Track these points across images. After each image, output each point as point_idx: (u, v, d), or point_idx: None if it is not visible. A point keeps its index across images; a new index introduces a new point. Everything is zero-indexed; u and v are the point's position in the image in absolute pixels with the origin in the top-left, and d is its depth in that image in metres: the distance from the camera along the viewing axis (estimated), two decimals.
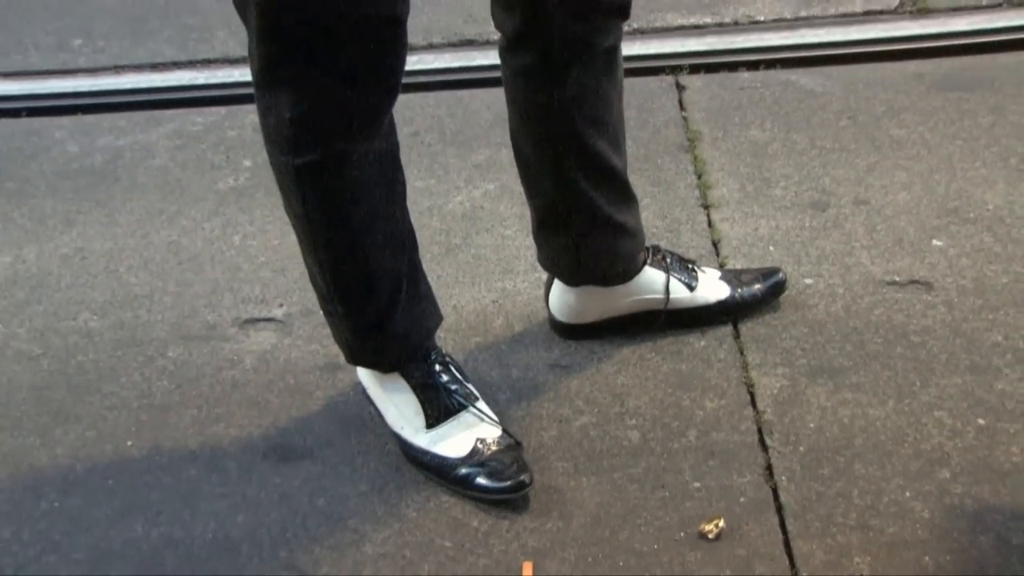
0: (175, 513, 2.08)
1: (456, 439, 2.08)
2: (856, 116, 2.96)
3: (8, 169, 3.07)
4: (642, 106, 3.05)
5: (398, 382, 2.13)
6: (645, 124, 2.98)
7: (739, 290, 2.35)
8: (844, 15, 3.39)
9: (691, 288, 2.32)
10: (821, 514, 1.97)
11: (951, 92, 3.01)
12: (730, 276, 2.37)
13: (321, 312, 2.31)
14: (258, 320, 2.49)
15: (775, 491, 2.02)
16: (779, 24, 3.38)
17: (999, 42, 3.16)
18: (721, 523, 1.96)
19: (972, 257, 2.49)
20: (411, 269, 2.07)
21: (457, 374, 2.15)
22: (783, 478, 2.04)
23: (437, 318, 2.17)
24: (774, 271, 2.38)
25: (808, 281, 2.46)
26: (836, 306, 2.39)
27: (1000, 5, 3.31)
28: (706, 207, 2.69)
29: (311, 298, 2.47)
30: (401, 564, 1.96)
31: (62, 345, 2.48)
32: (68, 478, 2.18)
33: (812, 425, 2.13)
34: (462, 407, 2.11)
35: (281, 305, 2.54)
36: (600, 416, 2.19)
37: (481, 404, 2.13)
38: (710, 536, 1.95)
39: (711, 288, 2.34)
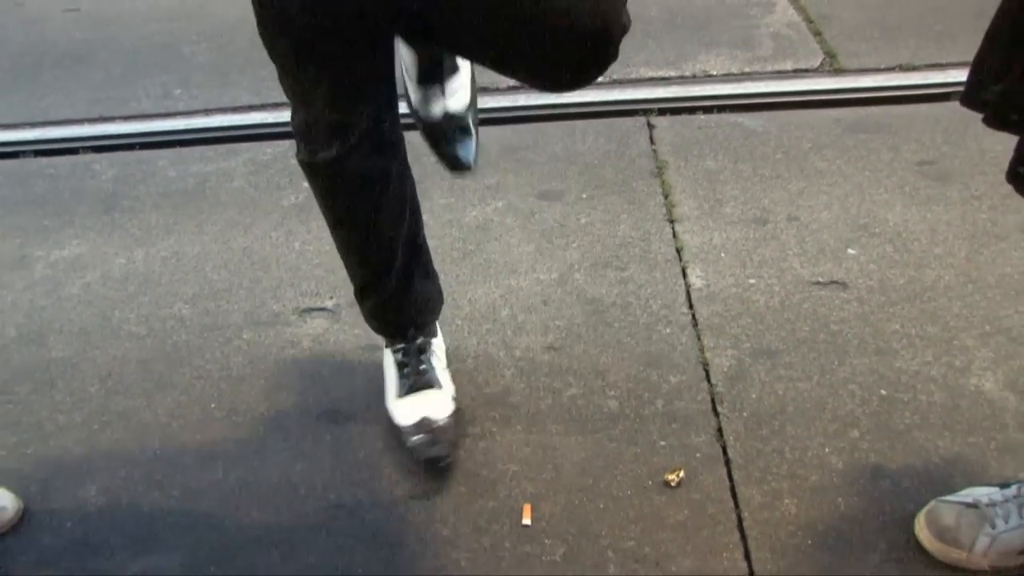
0: (247, 461, 2.08)
1: (412, 411, 2.05)
2: (788, 151, 2.95)
3: (124, 191, 3.06)
4: (620, 140, 3.03)
5: (389, 356, 2.14)
6: (622, 155, 2.96)
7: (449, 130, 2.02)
8: (779, 71, 3.39)
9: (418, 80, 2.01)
10: (760, 466, 1.96)
11: (860, 134, 3.00)
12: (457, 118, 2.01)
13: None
14: (313, 310, 2.48)
15: (724, 448, 2.01)
16: (728, 77, 3.38)
17: (896, 96, 3.20)
18: (681, 473, 1.95)
19: (877, 263, 2.47)
20: (402, 276, 2.01)
21: (430, 361, 2.11)
22: (731, 438, 2.03)
23: (423, 315, 2.13)
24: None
25: (752, 281, 2.43)
26: (773, 301, 2.37)
27: (894, 68, 3.32)
28: (671, 221, 2.67)
29: (349, 296, 2.46)
30: (426, 504, 1.96)
31: (161, 328, 2.46)
32: (166, 432, 2.17)
33: (754, 396, 2.12)
34: (426, 386, 2.07)
35: (331, 298, 2.51)
36: (586, 388, 2.17)
37: (438, 392, 2.08)
38: (672, 484, 1.94)
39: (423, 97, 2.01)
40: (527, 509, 1.90)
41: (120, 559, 1.91)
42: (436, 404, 2.05)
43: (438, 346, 2.17)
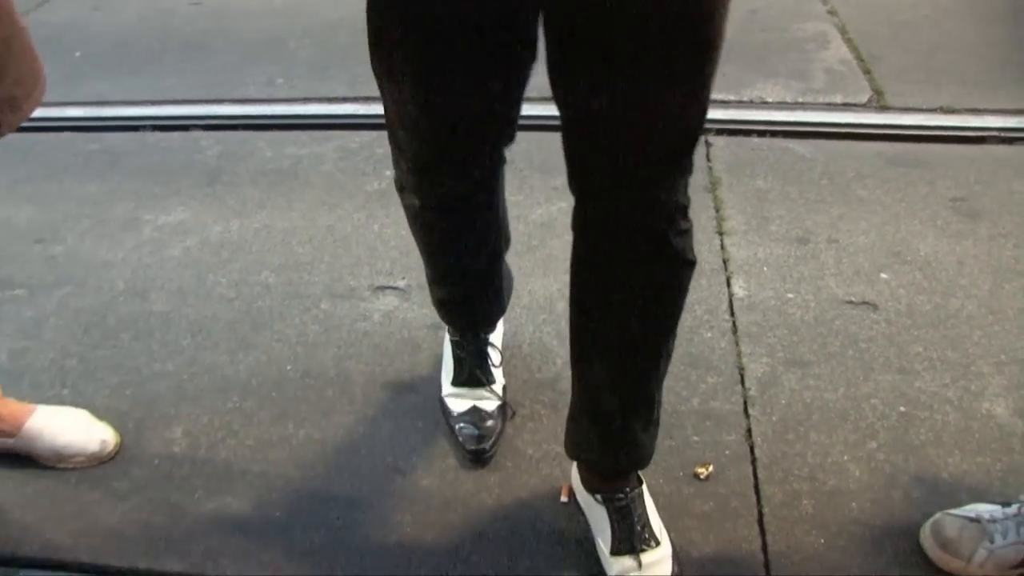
0: (316, 421, 2.08)
1: (463, 400, 2.01)
2: (833, 178, 2.90)
3: (226, 166, 3.08)
4: None
5: (448, 342, 2.09)
6: None
7: None
8: (829, 103, 3.35)
9: (610, 551, 1.70)
10: (783, 467, 1.93)
11: (900, 167, 2.95)
12: None
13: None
14: (386, 287, 2.47)
15: (752, 448, 1.98)
16: (782, 105, 3.34)
17: (935, 136, 3.14)
18: (711, 468, 1.92)
19: (907, 288, 2.42)
20: (474, 290, 1.94)
21: (488, 359, 2.04)
22: (759, 439, 2.00)
23: (487, 319, 2.06)
24: None
25: (790, 295, 2.39)
26: (808, 315, 2.33)
27: (936, 110, 3.27)
28: (720, 233, 2.63)
29: (419, 278, 2.46)
30: (474, 476, 1.95)
31: (249, 293, 2.47)
32: (246, 387, 2.18)
33: (783, 402, 2.08)
34: (478, 383, 2.02)
35: (403, 278, 2.51)
36: None
37: (489, 389, 2.02)
38: (702, 477, 1.91)
39: (622, 571, 1.68)
40: (565, 488, 1.88)
41: (198, 496, 1.92)
42: (487, 398, 2.01)
43: (497, 339, 2.10)
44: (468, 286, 1.92)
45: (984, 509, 1.74)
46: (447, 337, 2.10)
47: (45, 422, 1.98)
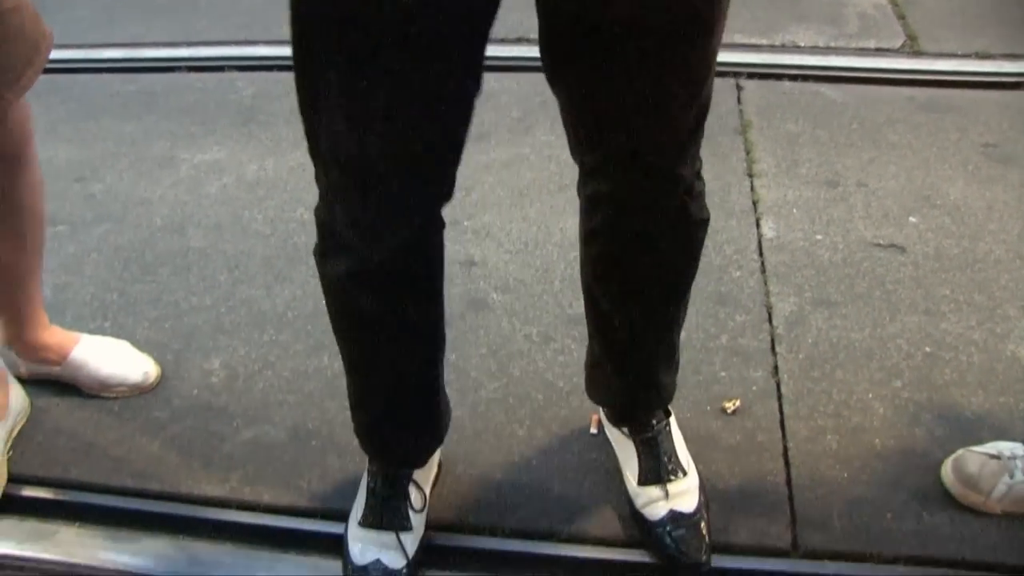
0: None
1: (364, 548, 1.66)
2: (863, 122, 2.90)
3: (260, 106, 3.11)
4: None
5: (366, 474, 1.72)
6: (712, 111, 2.90)
7: (665, 529, 1.67)
8: (862, 48, 3.33)
9: (637, 481, 1.72)
10: (809, 403, 1.96)
11: (932, 113, 2.94)
12: (679, 516, 1.68)
13: (466, 222, 2.31)
14: None
15: (778, 385, 2.01)
16: (815, 50, 3.32)
17: (969, 81, 3.13)
18: (738, 403, 1.96)
19: (935, 232, 2.43)
20: (407, 405, 1.62)
21: (407, 500, 1.68)
22: (785, 376, 2.03)
23: (418, 449, 1.71)
24: (702, 555, 1.65)
25: (819, 237, 2.41)
26: (836, 257, 2.35)
27: (971, 55, 3.24)
28: (751, 176, 2.65)
29: (458, 213, 2.51)
30: (505, 407, 1.99)
31: (284, 229, 2.51)
32: (282, 320, 2.23)
33: (810, 340, 2.11)
34: (387, 527, 1.66)
35: None
36: None
37: (398, 537, 1.65)
38: (729, 411, 1.95)
39: (649, 501, 1.70)
40: (594, 419, 1.91)
41: (236, 425, 1.98)
42: (393, 548, 1.66)
43: (424, 478, 1.74)
44: (399, 397, 1.60)
45: (1005, 446, 1.77)
46: (366, 470, 1.74)
47: (90, 352, 2.04)
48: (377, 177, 1.25)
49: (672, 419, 1.78)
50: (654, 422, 1.74)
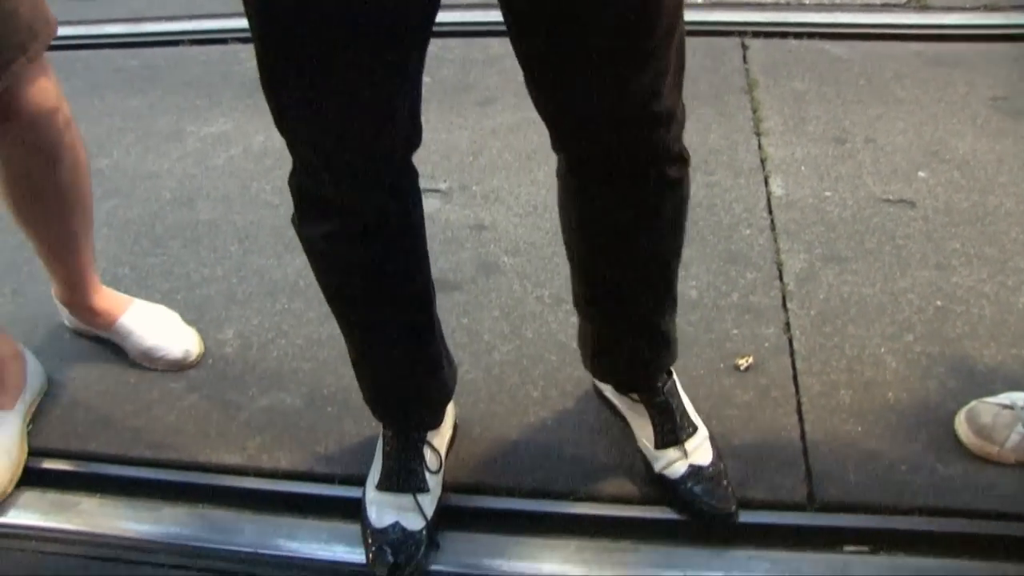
0: None
1: (383, 511, 1.69)
2: (871, 78, 2.89)
3: None
4: (716, 58, 3.00)
5: (381, 438, 1.75)
6: (717, 71, 2.93)
7: (687, 485, 1.69)
8: (867, 4, 3.32)
9: (655, 445, 1.73)
10: (821, 359, 1.97)
11: (939, 67, 2.93)
12: (699, 470, 1.70)
13: (475, 186, 2.32)
14: (428, 190, 2.48)
15: (790, 341, 2.02)
16: (819, 7, 3.31)
17: (976, 35, 3.11)
18: (751, 359, 1.97)
19: (945, 187, 2.43)
20: (409, 359, 1.62)
21: (423, 461, 1.70)
22: (797, 332, 2.03)
23: (428, 407, 1.72)
24: (731, 504, 1.68)
25: (828, 194, 2.41)
26: (846, 213, 2.35)
27: (979, 8, 3.23)
28: (758, 134, 2.65)
29: (467, 178, 2.52)
30: (519, 368, 2.00)
31: (290, 201, 2.51)
32: (294, 289, 2.24)
33: (821, 296, 2.12)
34: (404, 489, 1.69)
35: (444, 181, 2.54)
36: None
37: (415, 499, 1.68)
38: (742, 368, 1.96)
39: (669, 462, 1.71)
40: None
41: (251, 393, 2.00)
42: (411, 510, 1.68)
43: (439, 439, 1.77)
44: (399, 356, 1.60)
45: (1018, 396, 1.78)
46: (380, 435, 1.77)
47: (137, 321, 2.08)
48: (341, 143, 1.27)
49: (675, 375, 1.78)
50: (661, 385, 1.74)
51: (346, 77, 1.20)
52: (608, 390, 1.83)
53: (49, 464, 1.91)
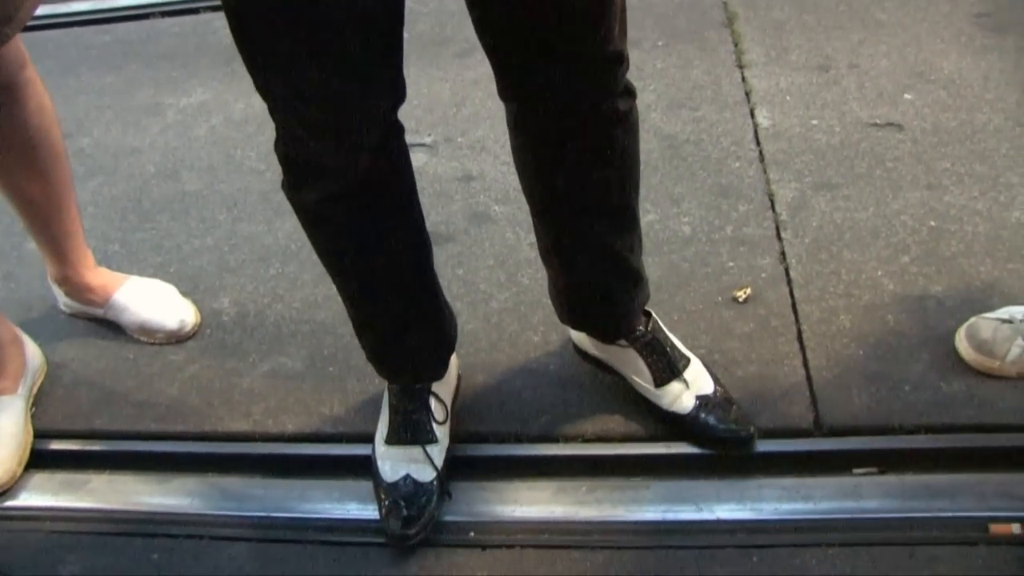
0: None
1: (393, 464, 1.71)
2: (851, 3, 2.89)
3: None
4: None
5: (387, 392, 1.78)
6: (695, 6, 2.93)
7: (699, 416, 1.71)
8: None
9: (654, 384, 1.74)
10: (819, 286, 1.99)
11: None
12: (706, 398, 1.73)
13: (460, 138, 2.31)
14: (413, 145, 2.45)
15: (787, 270, 2.03)
16: None
17: None
18: (748, 291, 1.98)
19: (932, 107, 2.44)
20: (409, 315, 1.64)
21: (430, 412, 1.72)
22: (793, 260, 2.05)
23: (432, 359, 1.73)
24: (747, 425, 1.71)
25: (815, 122, 2.42)
26: (834, 140, 2.36)
27: None
28: (740, 67, 2.65)
29: (451, 130, 2.52)
30: (517, 316, 2.02)
31: (277, 163, 2.49)
32: (286, 253, 2.26)
33: (815, 224, 2.13)
34: (412, 441, 1.71)
35: (430, 135, 2.55)
36: (662, 215, 2.20)
37: (425, 451, 1.70)
38: (740, 300, 1.97)
39: (675, 397, 1.73)
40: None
41: (252, 359, 2.01)
42: (421, 462, 1.70)
43: (444, 390, 1.78)
44: (399, 311, 1.62)
45: (1017, 311, 1.79)
46: (385, 390, 1.79)
47: (132, 295, 2.09)
48: (324, 104, 1.27)
49: (652, 312, 1.78)
50: (644, 325, 1.74)
51: (323, 36, 1.20)
52: (591, 346, 1.82)
53: (56, 445, 1.92)
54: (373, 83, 1.30)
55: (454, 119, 2.60)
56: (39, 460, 1.90)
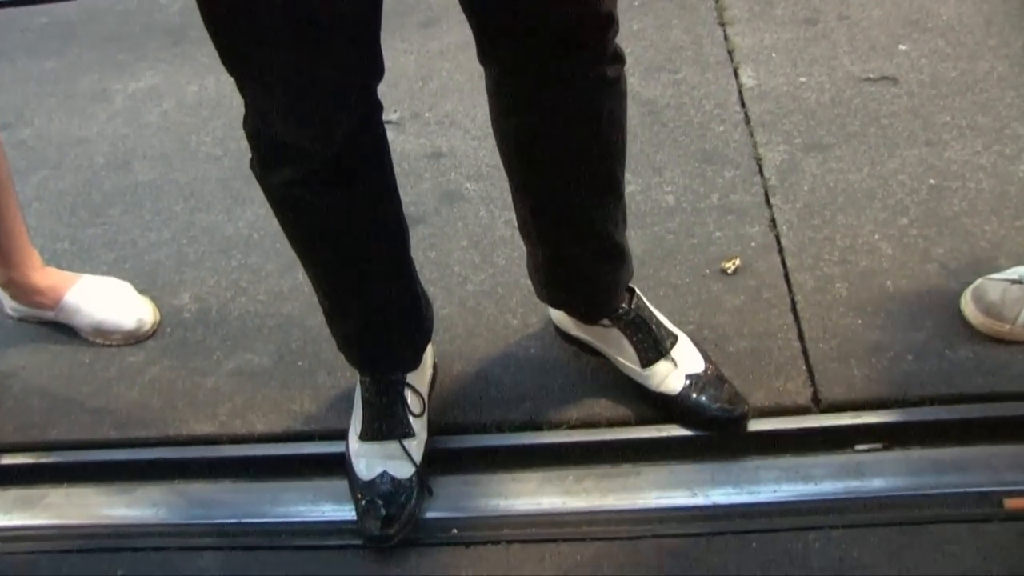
0: None
1: (369, 461, 1.72)
2: None
3: (191, 22, 3.08)
4: None
5: (359, 387, 1.78)
6: None
7: (691, 396, 1.73)
8: None
9: (641, 365, 1.75)
10: (812, 253, 2.01)
11: None
12: (697, 377, 1.74)
13: (427, 113, 2.31)
14: None
15: (778, 238, 2.05)
16: None
17: None
18: (738, 261, 2.00)
19: (929, 57, 2.45)
20: (385, 302, 1.66)
21: (406, 404, 1.73)
22: (784, 227, 2.07)
23: (408, 349, 1.75)
24: (739, 403, 1.73)
25: (803, 79, 2.44)
26: (824, 98, 2.38)
27: None
28: (722, 24, 2.66)
29: (418, 105, 2.52)
30: (495, 299, 2.03)
31: (236, 148, 2.53)
32: (248, 243, 2.27)
33: (806, 188, 2.15)
34: (388, 436, 1.72)
35: (395, 111, 2.55)
36: (644, 185, 2.22)
37: (402, 445, 1.71)
38: (729, 271, 1.99)
39: (663, 378, 1.74)
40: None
41: (216, 357, 2.02)
42: (398, 458, 1.71)
43: (419, 380, 1.78)
44: (376, 297, 1.64)
45: None
46: (357, 383, 1.79)
47: (84, 296, 2.09)
48: (304, 76, 1.27)
49: (636, 289, 1.79)
50: (626, 303, 1.75)
51: (294, 9, 1.20)
52: (573, 326, 1.84)
53: (8, 460, 1.93)
54: (349, 60, 1.30)
55: (420, 93, 2.61)
56: None
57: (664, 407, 1.76)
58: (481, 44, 1.39)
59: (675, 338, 1.77)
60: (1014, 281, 1.79)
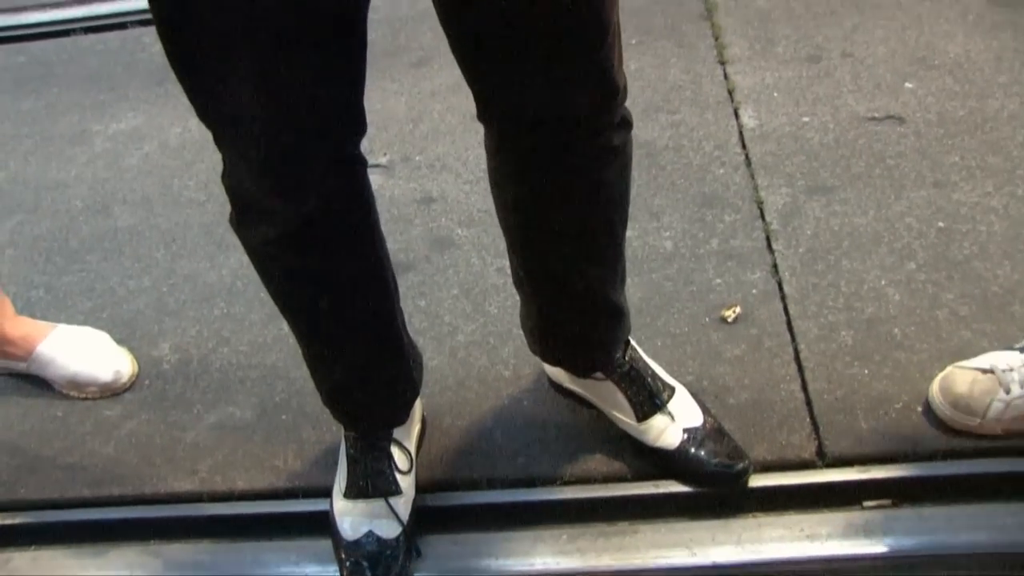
0: None
1: (354, 521, 1.71)
2: None
3: None
4: None
5: (344, 442, 1.77)
6: (672, 0, 2.95)
7: (690, 451, 1.72)
8: None
9: (637, 419, 1.74)
10: (816, 300, 2.00)
11: None
12: (695, 431, 1.74)
13: (418, 156, 2.31)
14: (370, 166, 2.50)
15: (780, 284, 2.05)
16: None
17: None
18: (738, 309, 2.00)
19: (936, 96, 2.46)
20: (371, 356, 1.64)
21: (392, 461, 1.72)
22: (786, 273, 2.07)
23: (395, 404, 1.74)
24: (740, 458, 1.72)
25: (806, 119, 2.45)
26: (828, 138, 2.39)
27: None
28: (722, 63, 2.67)
29: (408, 148, 2.53)
30: (487, 349, 2.03)
31: (220, 193, 2.23)
32: (232, 291, 2.26)
33: (809, 232, 2.15)
34: (375, 494, 1.70)
35: (385, 154, 2.56)
36: (641, 230, 2.22)
37: (388, 504, 1.70)
38: (729, 320, 1.99)
39: (659, 432, 1.74)
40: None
41: (196, 411, 2.01)
42: (384, 517, 1.70)
43: (407, 436, 1.78)
44: (359, 355, 1.63)
45: (999, 358, 1.74)
46: (343, 439, 1.78)
47: (58, 347, 2.08)
48: (275, 134, 1.25)
49: (631, 341, 1.78)
50: (622, 355, 1.74)
51: (270, 60, 1.18)
52: (566, 379, 1.83)
53: None
54: (326, 114, 1.28)
55: (411, 136, 2.62)
56: None
57: (662, 462, 1.75)
58: (480, 106, 1.38)
59: (672, 390, 1.76)
60: (984, 371, 1.73)
